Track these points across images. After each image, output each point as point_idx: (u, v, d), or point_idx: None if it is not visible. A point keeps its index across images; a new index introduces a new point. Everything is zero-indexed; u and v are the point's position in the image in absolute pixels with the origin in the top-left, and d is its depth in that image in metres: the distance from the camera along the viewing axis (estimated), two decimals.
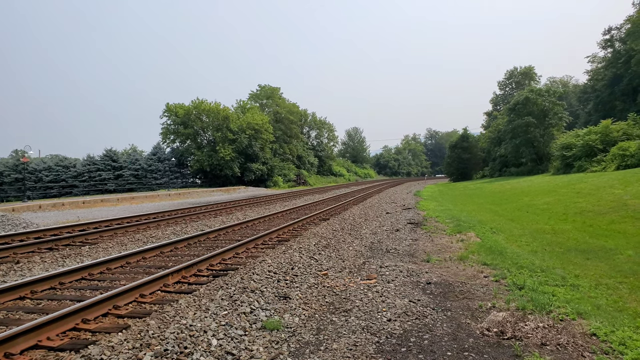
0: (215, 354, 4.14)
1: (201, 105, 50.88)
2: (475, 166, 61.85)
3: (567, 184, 23.92)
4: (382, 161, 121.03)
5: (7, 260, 8.46)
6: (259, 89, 67.87)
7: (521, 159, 48.23)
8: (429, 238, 11.44)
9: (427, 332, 4.82)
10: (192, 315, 4.89)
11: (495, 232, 11.93)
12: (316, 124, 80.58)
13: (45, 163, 45.21)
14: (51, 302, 5.74)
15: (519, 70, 69.74)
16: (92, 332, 4.55)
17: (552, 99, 45.58)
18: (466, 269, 7.88)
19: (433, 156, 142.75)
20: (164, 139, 51.91)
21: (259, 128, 52.16)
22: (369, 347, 4.46)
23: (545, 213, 15.72)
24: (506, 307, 5.50)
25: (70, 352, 3.98)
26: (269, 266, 7.36)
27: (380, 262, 8.49)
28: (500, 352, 4.24)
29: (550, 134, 45.57)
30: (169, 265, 7.64)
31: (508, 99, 63.35)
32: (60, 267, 7.96)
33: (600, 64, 54.96)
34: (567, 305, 5.42)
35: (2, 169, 42.45)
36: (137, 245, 10.38)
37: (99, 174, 44.70)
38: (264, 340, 4.58)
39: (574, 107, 62.71)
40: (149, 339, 4.20)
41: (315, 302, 5.98)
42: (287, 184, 57.25)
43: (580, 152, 32.82)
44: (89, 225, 13.14)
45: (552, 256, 8.71)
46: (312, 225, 13.21)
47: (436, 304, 5.85)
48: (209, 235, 11.22)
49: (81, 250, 9.61)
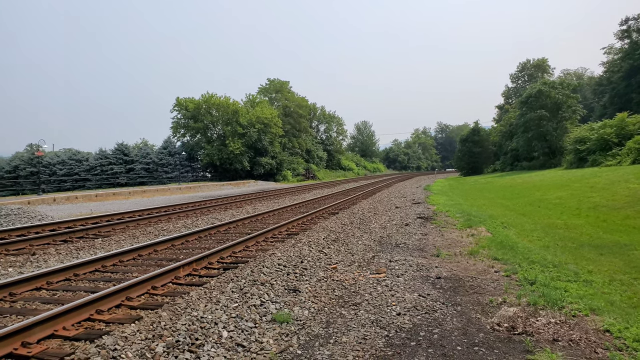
0: (226, 345, 4.18)
1: (211, 100, 50.99)
2: (486, 160, 61.35)
3: (580, 178, 23.62)
4: (391, 155, 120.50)
5: (24, 252, 8.60)
6: (268, 83, 67.82)
7: (533, 153, 47.65)
8: (439, 232, 11.40)
9: (436, 327, 4.82)
10: (203, 307, 4.94)
11: (507, 227, 11.84)
12: (325, 117, 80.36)
13: (59, 157, 45.77)
14: (66, 293, 5.83)
15: (531, 63, 68.79)
16: (106, 323, 4.62)
17: (566, 92, 44.89)
18: (476, 263, 7.84)
19: (443, 150, 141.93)
20: (175, 133, 52.21)
21: (268, 122, 52.17)
22: (379, 340, 4.47)
23: (557, 208, 15.57)
24: (517, 303, 5.47)
25: (85, 342, 4.04)
26: (278, 259, 7.39)
27: (390, 256, 8.48)
28: (511, 348, 4.22)
29: (564, 127, 44.89)
30: (180, 258, 7.70)
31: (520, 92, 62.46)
32: (74, 259, 8.07)
33: (616, 56, 53.91)
34: (580, 301, 5.37)
35: (17, 163, 43.07)
36: (149, 238, 10.48)
37: (111, 167, 45.11)
38: (274, 333, 4.61)
39: (589, 100, 61.70)
40: (161, 330, 4.25)
41: (325, 296, 6.00)
42: (296, 178, 57.30)
43: (595, 146, 32.34)
44: (102, 218, 13.29)
45: (565, 251, 8.62)
46: (321, 219, 13.22)
47: (446, 298, 5.84)
48: (220, 229, 11.29)
49: (94, 243, 9.74)
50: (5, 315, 4.90)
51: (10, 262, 7.75)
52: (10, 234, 10.22)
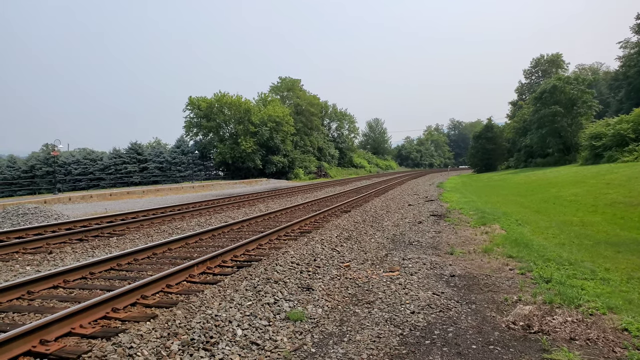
0: (240, 343, 4.21)
1: (223, 99, 51.18)
2: (500, 157, 60.73)
3: (596, 174, 23.25)
4: (403, 152, 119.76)
5: (41, 251, 8.75)
6: (280, 82, 67.83)
7: (547, 150, 46.99)
8: (453, 230, 11.32)
9: (451, 325, 4.79)
10: (217, 306, 4.97)
11: (521, 224, 11.71)
12: (337, 115, 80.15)
13: (74, 156, 46.41)
14: (82, 291, 5.91)
15: (545, 58, 67.81)
16: (122, 321, 4.67)
17: (581, 87, 44.06)
18: (491, 261, 7.77)
19: (456, 147, 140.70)
20: (187, 132, 52.53)
21: (279, 120, 52.23)
22: (393, 339, 4.46)
23: (573, 205, 15.35)
24: (533, 301, 5.41)
25: (102, 340, 4.09)
26: (291, 257, 7.41)
27: (403, 255, 8.45)
28: (526, 347, 4.18)
29: (579, 123, 44.14)
30: (194, 256, 7.76)
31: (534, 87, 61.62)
32: (90, 257, 8.17)
33: (632, 50, 52.91)
34: (597, 299, 5.29)
35: (34, 163, 43.77)
36: (163, 236, 10.58)
37: (125, 166, 45.58)
38: (288, 331, 4.62)
39: (604, 95, 60.57)
40: (176, 329, 4.29)
41: (338, 294, 6.00)
42: (307, 176, 57.31)
43: (611, 142, 31.78)
44: (116, 217, 13.45)
45: (581, 249, 8.50)
46: (334, 217, 13.22)
47: (460, 296, 5.80)
48: (233, 227, 11.35)
49: (109, 241, 9.86)
50: (23, 313, 4.98)
51: (28, 261, 7.88)
52: (27, 232, 10.39)
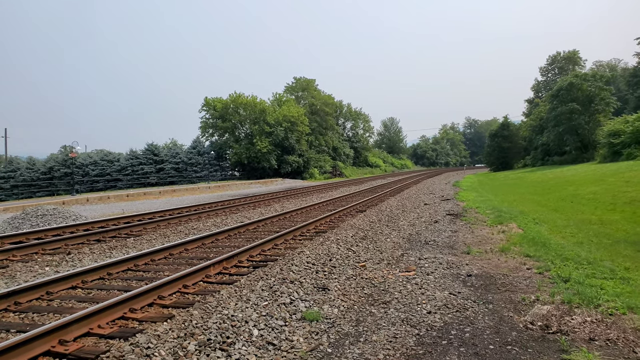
0: (257, 344, 4.23)
1: (238, 99, 51.54)
2: (516, 155, 59.94)
3: (615, 172, 22.82)
4: (419, 151, 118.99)
5: (60, 252, 8.90)
6: (295, 82, 67.94)
7: (565, 147, 46.21)
8: (469, 229, 11.22)
9: (468, 325, 4.75)
10: (233, 306, 5.00)
11: (538, 223, 11.54)
12: (351, 115, 79.97)
13: (92, 158, 47.12)
14: (100, 292, 6.00)
15: (562, 55, 66.76)
16: (139, 321, 4.73)
17: (599, 84, 43.26)
18: (508, 260, 7.68)
19: (472, 146, 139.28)
20: (203, 133, 53.03)
21: (294, 120, 52.36)
22: (409, 339, 4.44)
23: (591, 203, 15.08)
24: (551, 301, 5.33)
25: (120, 340, 4.15)
26: (307, 257, 7.42)
27: (419, 254, 8.40)
28: (545, 347, 4.12)
29: (597, 120, 43.35)
30: (210, 257, 7.82)
31: (550, 85, 60.68)
32: (107, 258, 8.30)
33: None
34: (617, 299, 5.19)
35: (52, 164, 44.55)
36: (179, 237, 10.68)
37: (142, 167, 46.10)
38: (304, 331, 4.63)
39: (623, 92, 59.35)
40: (193, 329, 4.33)
41: (354, 294, 5.99)
42: (322, 176, 57.33)
43: (630, 139, 31.16)
44: (133, 218, 13.62)
45: (600, 248, 8.34)
46: (349, 217, 13.20)
47: (477, 296, 5.75)
48: (248, 227, 11.41)
49: (126, 242, 9.99)
50: (42, 313, 5.08)
51: (47, 262, 8.04)
52: (46, 234, 10.59)
